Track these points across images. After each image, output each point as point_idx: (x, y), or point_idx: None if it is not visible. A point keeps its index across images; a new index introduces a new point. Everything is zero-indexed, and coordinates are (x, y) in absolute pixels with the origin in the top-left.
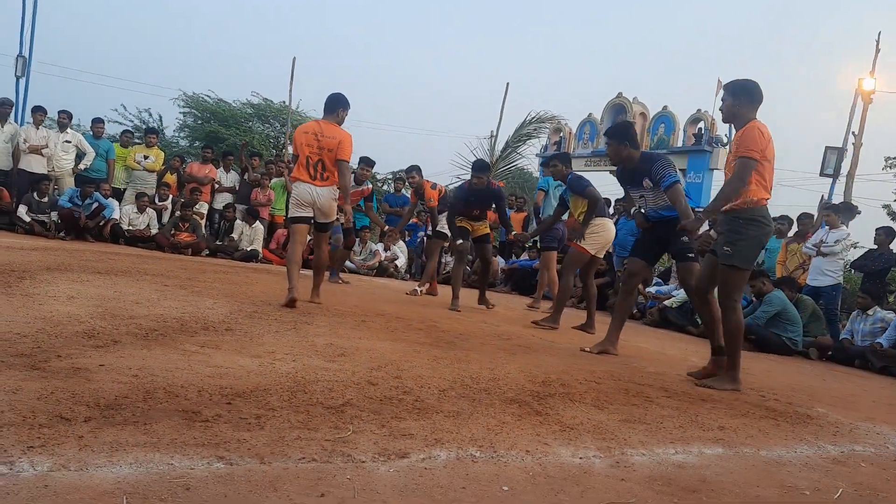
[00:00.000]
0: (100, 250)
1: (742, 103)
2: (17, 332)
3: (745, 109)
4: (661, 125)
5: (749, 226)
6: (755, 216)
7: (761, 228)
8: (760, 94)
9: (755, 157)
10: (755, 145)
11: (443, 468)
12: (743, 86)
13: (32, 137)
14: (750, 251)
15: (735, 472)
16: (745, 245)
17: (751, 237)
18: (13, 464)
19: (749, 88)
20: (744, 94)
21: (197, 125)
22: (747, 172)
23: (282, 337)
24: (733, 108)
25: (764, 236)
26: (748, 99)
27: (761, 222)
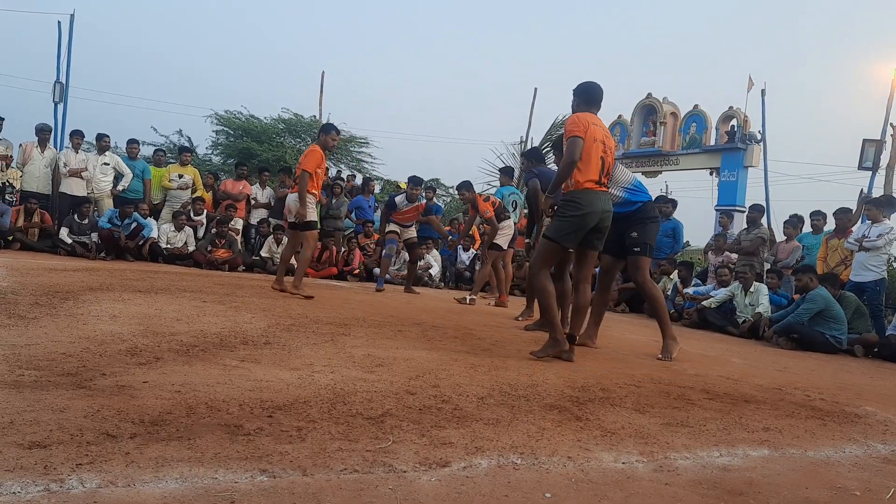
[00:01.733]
0: (140, 269)
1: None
2: (62, 352)
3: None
4: (693, 124)
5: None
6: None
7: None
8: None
9: (578, 134)
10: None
11: (484, 476)
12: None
13: (72, 161)
14: (562, 228)
15: (782, 474)
16: (558, 222)
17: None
18: (63, 481)
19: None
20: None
21: (230, 142)
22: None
23: (319, 349)
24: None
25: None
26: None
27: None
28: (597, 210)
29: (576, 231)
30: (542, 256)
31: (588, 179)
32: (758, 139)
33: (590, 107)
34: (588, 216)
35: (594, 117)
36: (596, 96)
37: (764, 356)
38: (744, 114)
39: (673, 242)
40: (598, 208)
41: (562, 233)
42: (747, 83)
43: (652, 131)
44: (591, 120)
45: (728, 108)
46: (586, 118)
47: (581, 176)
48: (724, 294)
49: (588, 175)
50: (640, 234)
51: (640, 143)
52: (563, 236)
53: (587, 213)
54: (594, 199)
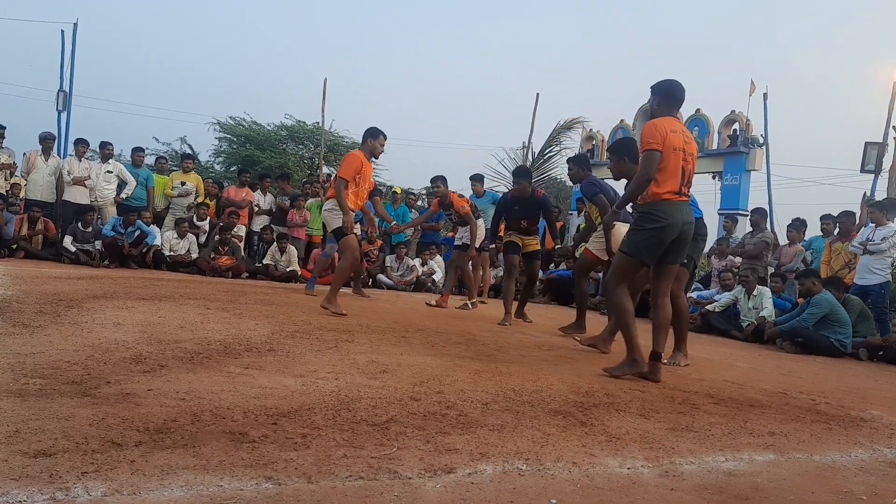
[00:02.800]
0: (143, 277)
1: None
2: (67, 360)
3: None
4: (695, 128)
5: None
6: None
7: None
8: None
9: (655, 148)
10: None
11: (489, 482)
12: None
13: (76, 169)
14: (641, 242)
15: (788, 479)
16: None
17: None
18: (69, 490)
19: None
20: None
21: (232, 150)
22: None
23: (324, 356)
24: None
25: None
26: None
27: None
28: (677, 222)
29: (654, 245)
30: (618, 272)
31: (667, 190)
32: (760, 143)
33: (671, 108)
34: (667, 229)
35: (673, 122)
36: (678, 96)
37: (768, 360)
38: (746, 117)
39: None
40: (678, 220)
41: (640, 247)
42: (749, 87)
43: None
44: (670, 127)
45: (730, 111)
46: (664, 126)
47: (658, 187)
48: (729, 298)
49: (666, 186)
50: (628, 235)
51: None
52: (641, 251)
53: (666, 225)
54: (674, 210)
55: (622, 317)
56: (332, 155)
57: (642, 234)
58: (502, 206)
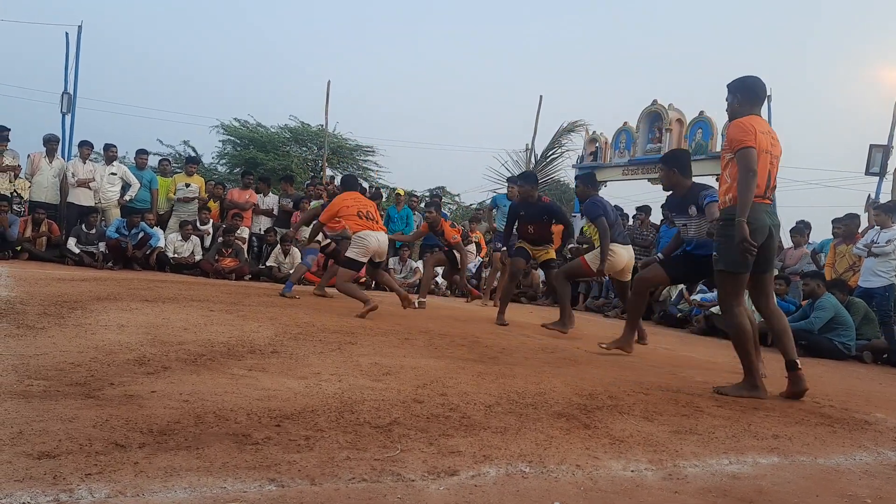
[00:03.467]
0: (147, 279)
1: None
2: (71, 362)
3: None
4: (699, 130)
5: (727, 227)
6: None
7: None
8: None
9: (751, 144)
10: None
11: (493, 485)
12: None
13: (80, 171)
14: (733, 253)
15: (792, 482)
16: (726, 247)
17: (730, 237)
18: (72, 491)
19: (750, 85)
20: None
21: (236, 152)
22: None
23: (327, 358)
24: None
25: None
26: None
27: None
28: (765, 225)
29: (745, 253)
30: (726, 292)
31: (756, 193)
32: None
33: (753, 107)
34: (756, 233)
35: (761, 122)
36: (760, 94)
37: (772, 363)
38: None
39: None
40: (765, 223)
41: (734, 260)
42: None
43: (658, 138)
44: (760, 127)
45: None
46: (754, 124)
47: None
48: None
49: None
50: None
51: (645, 150)
52: (737, 263)
53: (754, 229)
54: (761, 213)
55: (742, 339)
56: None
57: (732, 243)
58: (510, 210)
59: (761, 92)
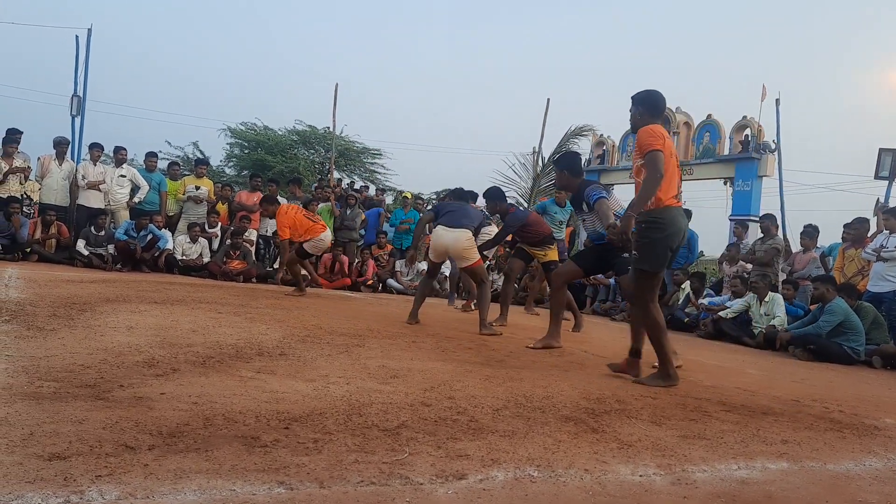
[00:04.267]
0: (155, 280)
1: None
2: (80, 364)
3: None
4: (706, 134)
5: (649, 230)
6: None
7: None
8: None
9: (658, 147)
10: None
11: (501, 489)
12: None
13: (90, 173)
14: (653, 253)
15: (802, 488)
16: (647, 248)
17: (651, 239)
18: (83, 493)
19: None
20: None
21: (244, 154)
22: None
23: (335, 360)
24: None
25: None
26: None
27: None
28: (682, 228)
29: (665, 252)
30: (643, 290)
31: (670, 196)
32: (772, 149)
33: (653, 118)
34: (676, 235)
35: (664, 129)
36: (661, 106)
37: (780, 367)
38: (758, 123)
39: (687, 253)
40: (682, 226)
41: (653, 260)
42: (761, 92)
43: None
44: (665, 133)
45: (742, 117)
46: (661, 130)
47: (663, 193)
48: (741, 304)
49: (670, 192)
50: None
51: None
52: (656, 264)
53: (675, 231)
54: (679, 216)
55: (657, 333)
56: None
57: (650, 245)
58: (519, 219)
59: (661, 104)
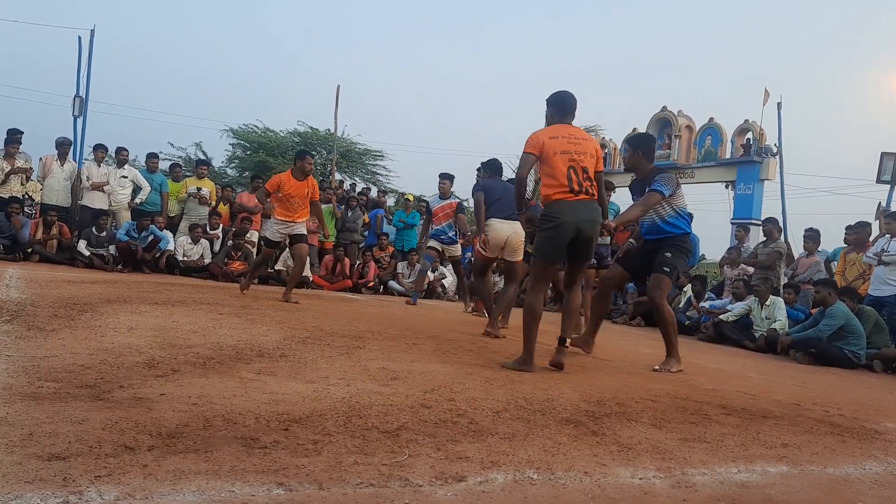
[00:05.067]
0: (156, 281)
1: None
2: (81, 364)
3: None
4: (708, 137)
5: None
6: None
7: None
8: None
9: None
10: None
11: (500, 491)
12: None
13: (94, 174)
14: (541, 245)
15: (801, 491)
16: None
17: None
18: (82, 493)
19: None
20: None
21: (246, 156)
22: None
23: (335, 362)
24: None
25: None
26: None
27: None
28: (570, 221)
29: (554, 245)
30: (535, 276)
31: (558, 191)
32: (774, 152)
33: (564, 117)
34: (562, 227)
35: (562, 128)
36: (569, 106)
37: (781, 371)
38: (759, 127)
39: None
40: (571, 219)
41: (543, 249)
42: (763, 96)
43: (667, 144)
44: (553, 133)
45: (743, 121)
46: (546, 132)
47: (548, 189)
48: (742, 308)
49: (555, 187)
50: (674, 255)
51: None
52: (545, 253)
53: (560, 223)
54: (567, 210)
55: (531, 318)
56: (345, 161)
57: (542, 237)
58: None
59: (570, 104)
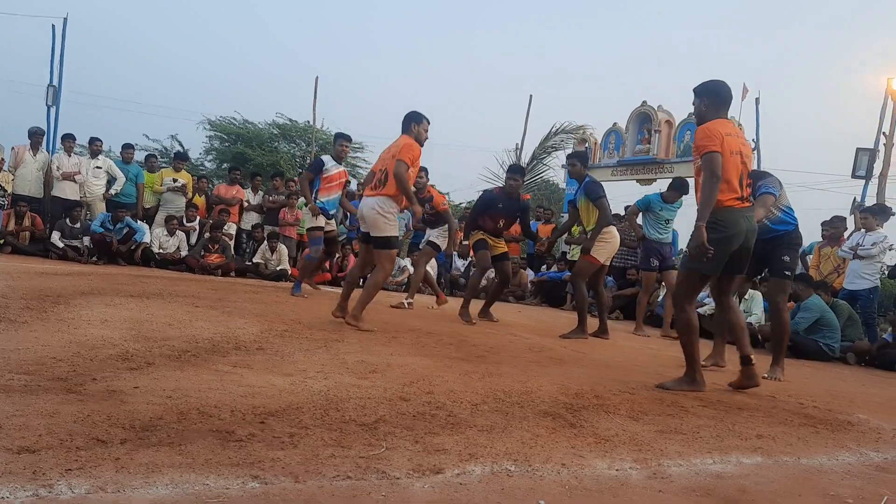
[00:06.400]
0: (132, 274)
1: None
2: (53, 357)
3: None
4: (688, 132)
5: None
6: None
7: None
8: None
9: (715, 149)
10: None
11: (478, 483)
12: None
13: (65, 165)
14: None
15: (775, 482)
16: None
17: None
18: (52, 487)
19: (714, 89)
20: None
21: (223, 147)
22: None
23: (313, 355)
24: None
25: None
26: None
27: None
28: (742, 230)
29: (720, 257)
30: (686, 289)
31: (731, 197)
32: (752, 147)
33: (719, 111)
34: (734, 238)
35: (727, 124)
36: (727, 98)
37: (757, 363)
38: (738, 122)
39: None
40: (743, 228)
41: (704, 262)
42: (742, 91)
43: (647, 139)
44: (724, 129)
45: None
46: (719, 128)
47: (722, 195)
48: None
49: (728, 192)
50: (791, 257)
51: (634, 151)
52: (707, 264)
53: (733, 234)
54: (739, 218)
55: (688, 336)
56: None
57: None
58: (487, 201)
59: (727, 95)
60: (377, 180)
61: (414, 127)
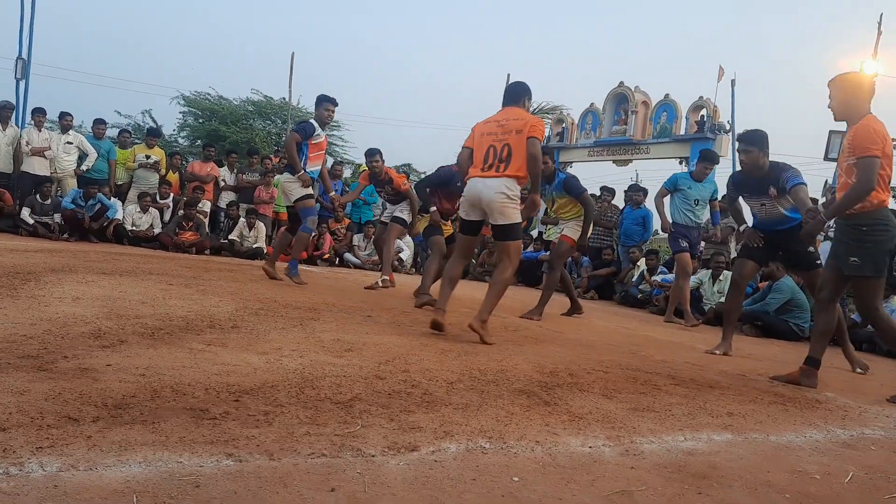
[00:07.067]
0: (104, 251)
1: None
2: (23, 334)
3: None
4: (664, 113)
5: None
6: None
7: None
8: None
9: (876, 154)
10: (872, 143)
11: (453, 460)
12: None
13: (35, 140)
14: (881, 257)
15: (745, 458)
16: (872, 252)
17: (876, 242)
18: (23, 465)
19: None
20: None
21: (197, 124)
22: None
23: (288, 333)
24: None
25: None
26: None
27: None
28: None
29: (890, 255)
30: (870, 297)
31: (889, 195)
32: (727, 129)
33: (865, 102)
34: (893, 238)
35: (883, 126)
36: (868, 88)
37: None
38: (713, 104)
39: (643, 231)
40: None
41: (881, 262)
42: (718, 73)
43: (623, 120)
44: (885, 131)
45: (698, 97)
46: (882, 128)
47: (882, 194)
48: (693, 282)
49: (885, 192)
50: (814, 248)
51: (611, 132)
52: (882, 269)
53: (893, 234)
54: (893, 217)
55: (892, 335)
56: None
57: (878, 247)
58: (444, 177)
59: (868, 87)
60: (497, 159)
61: (527, 101)
